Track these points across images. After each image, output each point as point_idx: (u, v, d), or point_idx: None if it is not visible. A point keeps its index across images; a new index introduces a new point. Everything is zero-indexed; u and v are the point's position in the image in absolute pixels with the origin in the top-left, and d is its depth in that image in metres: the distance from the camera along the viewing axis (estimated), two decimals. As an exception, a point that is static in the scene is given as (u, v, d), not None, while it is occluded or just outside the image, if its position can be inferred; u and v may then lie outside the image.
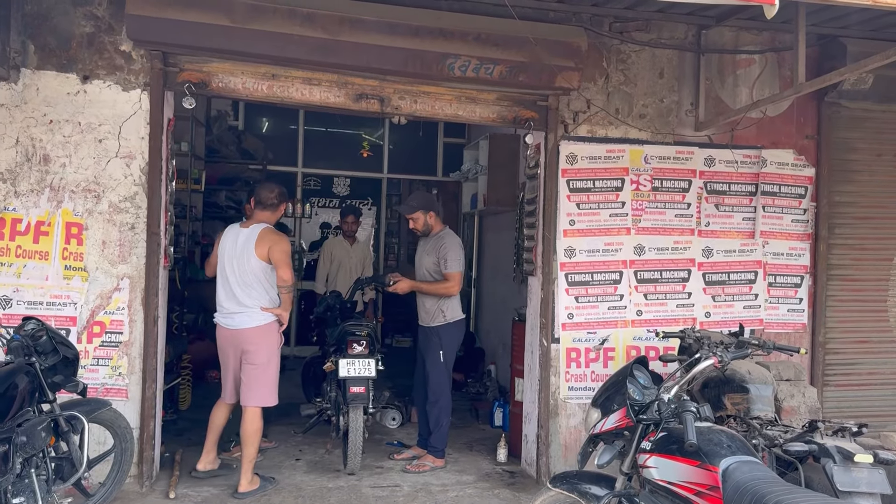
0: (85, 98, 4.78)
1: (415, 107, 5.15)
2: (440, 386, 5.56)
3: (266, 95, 4.97)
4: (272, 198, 5.01)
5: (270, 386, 4.89)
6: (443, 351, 5.55)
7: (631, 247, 5.50)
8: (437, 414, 5.57)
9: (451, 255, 5.47)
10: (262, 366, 4.86)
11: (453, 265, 5.47)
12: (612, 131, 5.48)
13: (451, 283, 5.47)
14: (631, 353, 5.49)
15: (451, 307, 5.58)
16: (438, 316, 5.55)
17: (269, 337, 4.90)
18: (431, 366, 5.57)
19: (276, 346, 4.94)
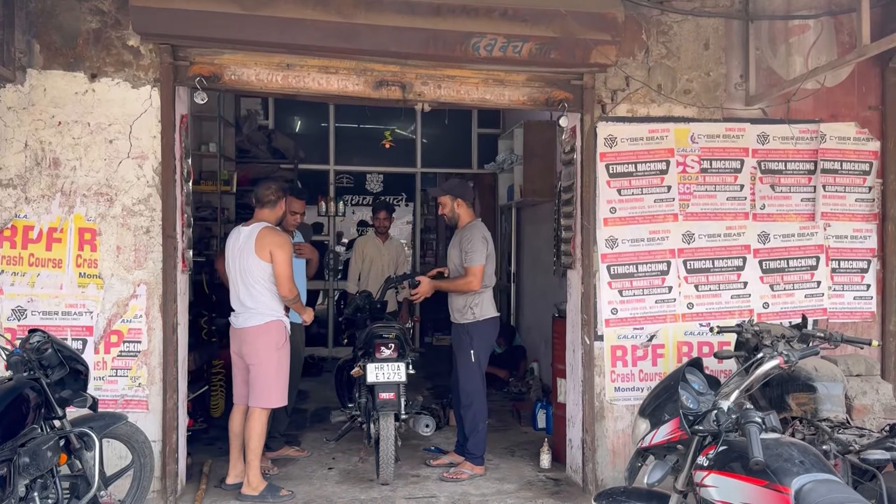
0: (93, 97, 4.58)
1: (439, 92, 4.82)
2: (473, 388, 5.25)
3: (281, 87, 4.70)
4: (269, 194, 4.85)
5: (272, 387, 4.71)
6: (474, 350, 5.23)
7: (679, 234, 5.08)
8: (473, 418, 5.26)
9: (471, 248, 5.18)
10: (259, 366, 4.70)
11: (473, 258, 5.17)
12: (655, 109, 5.07)
13: (469, 278, 5.16)
14: (682, 349, 5.08)
15: (482, 303, 5.27)
16: (468, 313, 5.25)
17: (266, 336, 4.72)
18: (462, 366, 5.28)
19: (273, 345, 4.73)
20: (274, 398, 4.73)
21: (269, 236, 4.71)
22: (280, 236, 4.76)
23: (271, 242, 4.68)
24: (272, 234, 4.74)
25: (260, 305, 4.71)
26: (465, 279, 5.17)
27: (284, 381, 4.76)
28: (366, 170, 10.72)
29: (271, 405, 4.73)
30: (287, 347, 4.80)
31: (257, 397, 4.71)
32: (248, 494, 4.73)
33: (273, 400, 4.72)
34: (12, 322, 4.50)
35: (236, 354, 4.87)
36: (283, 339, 4.75)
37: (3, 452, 3.19)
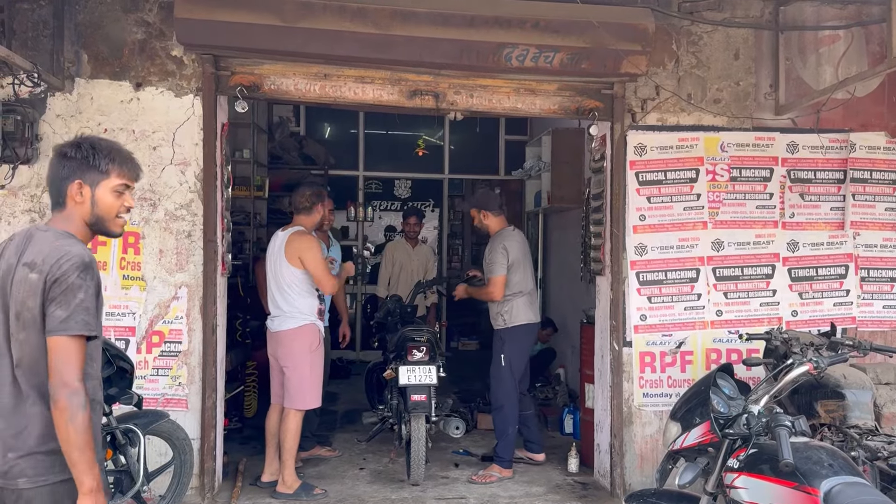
0: (138, 106, 4.74)
1: (471, 101, 4.92)
2: (504, 392, 5.37)
3: (318, 96, 4.83)
4: (303, 200, 5.02)
5: (306, 389, 4.83)
6: (504, 355, 5.36)
7: (708, 242, 5.13)
8: (502, 422, 5.37)
9: (490, 259, 5.36)
10: (293, 368, 4.85)
11: (492, 269, 5.35)
12: (685, 118, 5.13)
13: (490, 289, 5.36)
14: (710, 356, 5.12)
15: (512, 310, 5.38)
16: (499, 319, 5.42)
17: (298, 340, 4.86)
18: (494, 370, 5.42)
19: (307, 349, 4.86)
20: (308, 399, 4.85)
21: (297, 241, 4.85)
22: (307, 240, 4.88)
23: (299, 248, 4.82)
24: (300, 238, 4.87)
25: (293, 309, 4.85)
26: (487, 290, 5.40)
27: (318, 383, 4.89)
28: (394, 176, 10.82)
29: (306, 406, 4.85)
30: (321, 350, 4.93)
31: (292, 398, 4.83)
32: (282, 492, 4.85)
33: (308, 401, 4.84)
34: (59, 322, 4.65)
35: (272, 357, 5.00)
36: (316, 342, 4.88)
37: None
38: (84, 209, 2.29)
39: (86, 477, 2.09)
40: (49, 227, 2.29)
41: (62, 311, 2.11)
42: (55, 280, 2.13)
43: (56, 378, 2.10)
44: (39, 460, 2.15)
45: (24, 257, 2.20)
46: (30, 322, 2.15)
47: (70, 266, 2.14)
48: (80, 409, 2.08)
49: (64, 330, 2.11)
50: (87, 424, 2.10)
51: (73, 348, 2.11)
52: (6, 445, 2.17)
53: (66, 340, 2.11)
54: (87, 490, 2.09)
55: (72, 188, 2.27)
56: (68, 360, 2.10)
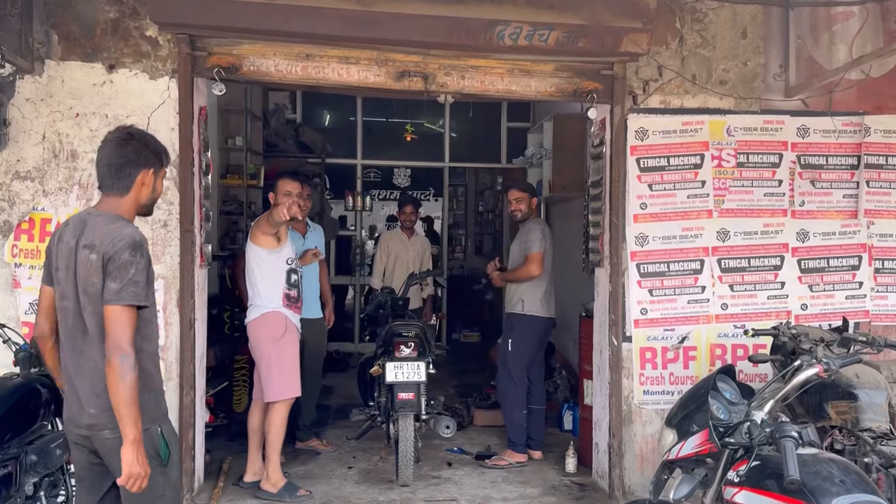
0: (111, 88, 4.51)
1: (462, 83, 4.66)
2: (506, 376, 5.37)
3: (300, 78, 4.59)
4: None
5: (273, 380, 4.66)
6: (511, 339, 5.35)
7: (713, 231, 4.86)
8: (509, 406, 5.37)
9: (531, 237, 5.32)
10: (260, 359, 4.72)
11: (533, 246, 5.31)
12: (689, 101, 4.86)
13: (529, 265, 5.31)
14: (715, 351, 4.87)
15: (531, 297, 5.35)
16: (517, 303, 5.38)
17: (262, 329, 4.72)
18: (501, 354, 5.42)
19: (269, 338, 4.69)
20: (280, 390, 4.65)
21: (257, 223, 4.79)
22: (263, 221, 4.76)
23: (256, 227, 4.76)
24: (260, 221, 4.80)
25: (256, 298, 4.73)
26: (526, 266, 5.31)
27: (288, 373, 4.68)
28: (393, 164, 10.58)
29: (278, 397, 4.65)
30: (289, 339, 4.73)
31: (264, 391, 4.68)
32: (266, 491, 4.66)
33: (279, 391, 4.64)
34: (30, 316, 4.44)
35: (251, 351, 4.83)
36: (279, 331, 4.68)
37: (10, 451, 3.13)
38: (145, 194, 2.64)
39: (130, 429, 2.39)
40: (101, 211, 2.60)
41: (116, 283, 2.43)
42: (110, 258, 2.44)
43: (111, 341, 2.40)
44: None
45: (83, 240, 2.51)
46: (95, 296, 2.47)
47: (123, 245, 2.46)
48: (130, 369, 2.38)
49: (117, 300, 2.43)
50: (135, 383, 2.39)
51: (124, 316, 2.42)
52: (89, 403, 2.52)
53: (119, 309, 2.43)
54: (130, 440, 2.40)
55: (143, 175, 2.62)
56: (121, 327, 2.41)
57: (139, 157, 2.61)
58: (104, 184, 2.64)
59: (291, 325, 4.76)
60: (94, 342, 2.50)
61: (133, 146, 2.61)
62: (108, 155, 2.61)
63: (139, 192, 2.63)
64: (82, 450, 2.61)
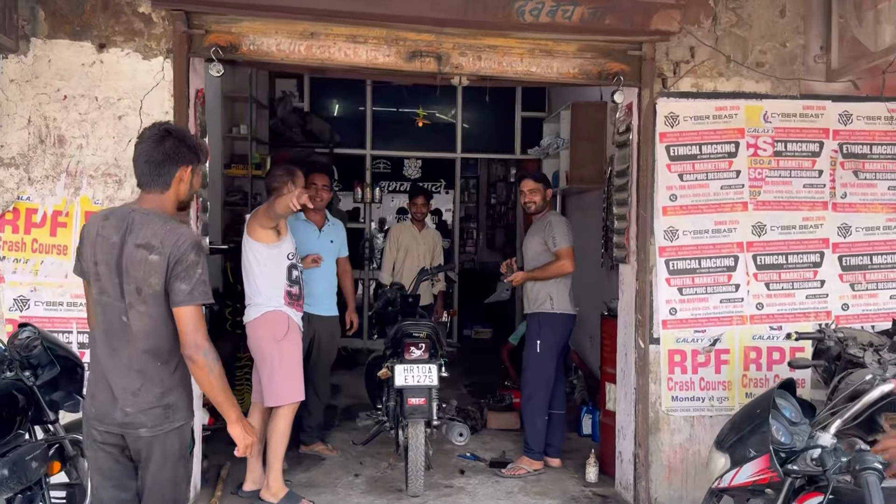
0: (101, 69, 4.19)
1: (478, 64, 4.32)
2: (534, 379, 5.03)
3: (304, 58, 4.25)
4: (273, 181, 4.57)
5: (275, 383, 4.35)
6: (540, 341, 5.01)
7: (748, 225, 4.51)
8: (532, 411, 5.04)
9: (557, 232, 4.98)
10: (261, 361, 4.41)
11: (561, 241, 4.98)
12: (723, 84, 4.50)
13: (563, 261, 4.98)
14: (749, 355, 4.52)
15: (560, 294, 5.04)
16: (545, 301, 5.03)
17: (261, 330, 4.39)
18: (527, 355, 5.09)
19: (270, 338, 4.36)
20: (282, 394, 4.34)
21: (254, 216, 4.42)
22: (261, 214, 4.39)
23: (253, 218, 4.41)
24: (257, 213, 4.44)
25: (255, 296, 4.40)
26: (559, 263, 4.99)
27: (292, 375, 4.36)
28: (403, 154, 10.24)
29: (282, 402, 4.33)
30: (292, 339, 4.40)
31: (266, 395, 4.37)
32: (266, 501, 4.36)
33: (282, 396, 4.33)
34: (14, 313, 4.16)
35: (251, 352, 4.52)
36: (281, 331, 4.35)
37: (-22, 464, 2.83)
38: (183, 190, 2.66)
39: (231, 411, 2.57)
40: (148, 209, 2.60)
41: (186, 285, 2.48)
42: (177, 260, 2.49)
43: (189, 341, 2.47)
44: (156, 414, 2.55)
45: (135, 238, 2.52)
46: (151, 296, 2.50)
47: (188, 246, 2.52)
48: (215, 362, 2.50)
49: (190, 301, 2.49)
50: (223, 372, 2.53)
51: (198, 315, 2.51)
52: (125, 402, 2.55)
53: (192, 310, 2.50)
54: (234, 419, 2.58)
55: (182, 172, 2.64)
56: (196, 326, 2.49)
57: (177, 154, 2.62)
58: (143, 181, 2.65)
59: (294, 325, 4.44)
60: (135, 341, 2.53)
61: (171, 143, 2.62)
62: (147, 152, 2.62)
63: (178, 188, 2.65)
64: (110, 448, 2.61)
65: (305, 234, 5.19)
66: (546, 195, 5.17)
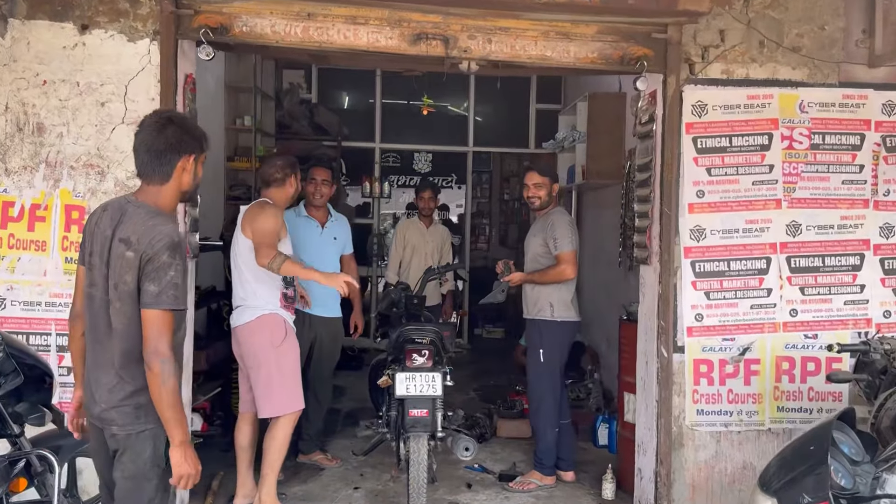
0: (84, 52, 3.90)
1: (489, 48, 3.99)
2: (540, 390, 4.72)
3: (301, 40, 3.94)
4: (275, 172, 4.23)
5: (273, 392, 4.02)
6: (542, 350, 4.67)
7: (782, 224, 4.16)
8: (541, 424, 4.72)
9: (559, 234, 4.60)
10: (256, 369, 4.06)
11: (564, 244, 4.60)
12: (756, 71, 4.14)
13: (563, 266, 4.59)
14: (782, 365, 4.17)
15: (561, 301, 4.66)
16: (545, 308, 4.67)
17: (257, 335, 4.06)
18: (531, 366, 4.76)
19: (268, 343, 4.04)
20: (282, 403, 4.03)
21: (252, 210, 4.11)
22: (264, 210, 4.08)
23: (252, 216, 4.06)
24: (257, 208, 4.12)
25: (250, 297, 4.07)
26: (559, 268, 4.60)
27: (291, 383, 4.05)
28: (414, 148, 9.94)
29: (281, 412, 4.02)
30: (290, 344, 4.09)
31: (261, 404, 4.05)
32: None
33: (281, 406, 4.02)
34: (-11, 312, 3.89)
35: (238, 357, 4.21)
36: (279, 336, 4.04)
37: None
38: (186, 180, 2.55)
39: (176, 431, 2.39)
40: (141, 202, 2.50)
41: (155, 286, 2.36)
42: (149, 259, 2.37)
43: (150, 346, 2.35)
44: (127, 412, 2.45)
45: (120, 232, 2.45)
46: (126, 294, 2.41)
47: (161, 246, 2.38)
48: (171, 374, 2.36)
49: (156, 304, 2.36)
50: (177, 387, 2.40)
51: (163, 320, 2.37)
52: (101, 396, 2.49)
53: (158, 314, 2.37)
54: (178, 442, 2.40)
55: (184, 161, 2.53)
56: (160, 332, 2.36)
57: (179, 143, 2.52)
58: (143, 171, 2.54)
59: (291, 329, 4.15)
60: (115, 339, 2.46)
61: (172, 130, 2.52)
62: (147, 140, 2.51)
63: (180, 178, 2.54)
64: (97, 434, 2.58)
65: (307, 232, 4.89)
66: (552, 190, 4.79)
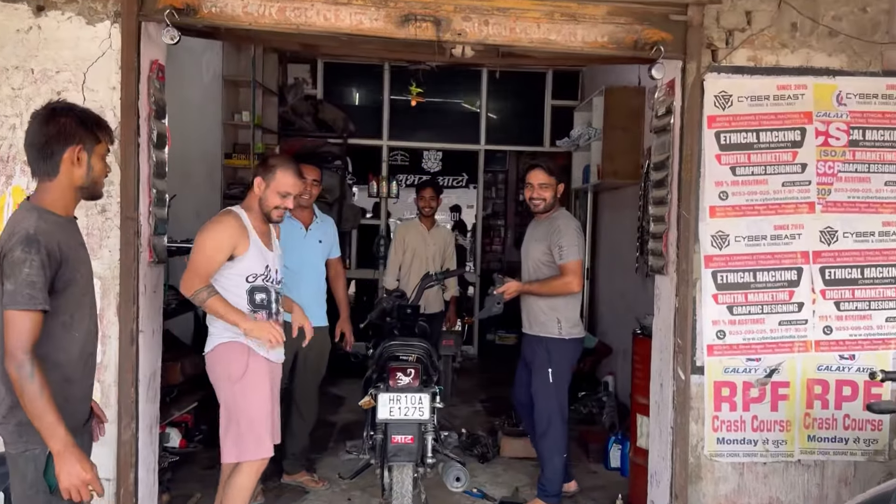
0: (38, 36, 3.54)
1: (485, 31, 3.56)
2: (549, 413, 4.26)
3: (276, 22, 3.55)
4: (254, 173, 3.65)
5: (230, 434, 3.41)
6: (551, 370, 4.22)
7: (815, 231, 3.70)
8: (548, 449, 4.28)
9: (565, 241, 4.16)
10: (221, 405, 3.49)
11: (570, 253, 4.15)
12: (787, 57, 3.68)
13: (568, 278, 4.15)
14: (814, 389, 3.71)
15: (570, 316, 4.26)
16: (551, 325, 4.23)
17: (219, 366, 3.47)
18: (538, 387, 4.29)
19: (225, 377, 3.43)
20: (241, 449, 3.39)
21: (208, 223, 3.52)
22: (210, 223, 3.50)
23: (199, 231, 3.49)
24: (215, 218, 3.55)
25: (211, 320, 3.53)
26: (563, 279, 4.15)
27: (257, 426, 3.39)
28: (423, 146, 9.54)
29: (240, 458, 3.39)
30: (254, 381, 3.41)
31: (222, 448, 3.45)
32: None
33: (239, 452, 3.39)
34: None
35: None
36: (238, 369, 3.39)
37: None
38: (79, 175, 2.36)
39: (50, 441, 2.19)
40: (31, 203, 2.35)
41: (10, 284, 2.20)
42: (5, 255, 2.23)
43: (7, 349, 2.19)
44: (10, 430, 2.29)
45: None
46: None
47: (16, 241, 2.22)
48: (28, 380, 2.16)
49: (12, 304, 2.19)
50: (38, 394, 2.17)
51: (19, 322, 2.18)
52: None
53: (13, 314, 2.19)
54: (55, 452, 2.20)
55: (71, 153, 2.33)
56: (14, 334, 2.18)
57: (63, 133, 2.32)
58: (32, 168, 2.38)
59: (258, 361, 3.44)
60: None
61: (55, 122, 2.33)
62: (31, 133, 2.36)
63: (71, 173, 2.34)
64: None
65: (290, 234, 4.48)
66: (558, 192, 4.35)
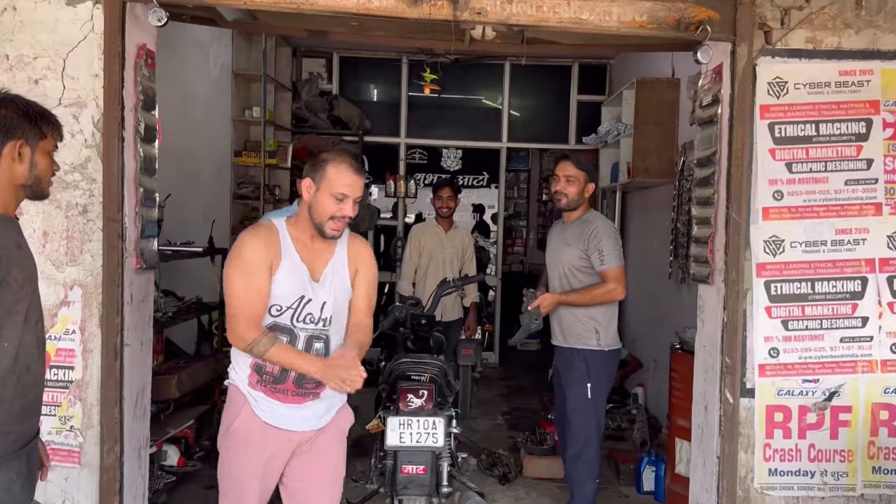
0: (14, 18, 3.21)
1: (508, 10, 3.17)
2: (587, 434, 3.89)
3: (275, 1, 3.20)
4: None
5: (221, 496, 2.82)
6: (591, 384, 3.86)
7: (882, 236, 3.26)
8: (581, 473, 3.91)
9: (606, 245, 3.80)
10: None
11: (612, 258, 3.80)
12: (850, 39, 3.25)
13: (612, 285, 3.79)
14: (879, 414, 3.27)
15: (609, 326, 3.89)
16: (589, 336, 3.86)
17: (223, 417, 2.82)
18: (575, 404, 3.90)
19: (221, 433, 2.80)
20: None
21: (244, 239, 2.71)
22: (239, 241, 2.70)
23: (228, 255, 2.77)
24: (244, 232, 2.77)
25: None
26: (606, 287, 3.79)
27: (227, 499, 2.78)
28: (442, 144, 9.18)
29: None
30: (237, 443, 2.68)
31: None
32: None
33: None
34: None
35: None
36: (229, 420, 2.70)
37: None
38: (20, 172, 2.17)
39: None
40: None
41: None
42: None
43: None
44: None
45: None
46: None
47: None
48: None
49: None
50: None
51: None
52: None
53: None
54: None
55: (11, 148, 2.15)
56: None
57: (3, 126, 2.11)
58: None
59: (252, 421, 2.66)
60: None
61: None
62: None
63: (11, 170, 2.14)
64: None
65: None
66: (586, 190, 3.95)
